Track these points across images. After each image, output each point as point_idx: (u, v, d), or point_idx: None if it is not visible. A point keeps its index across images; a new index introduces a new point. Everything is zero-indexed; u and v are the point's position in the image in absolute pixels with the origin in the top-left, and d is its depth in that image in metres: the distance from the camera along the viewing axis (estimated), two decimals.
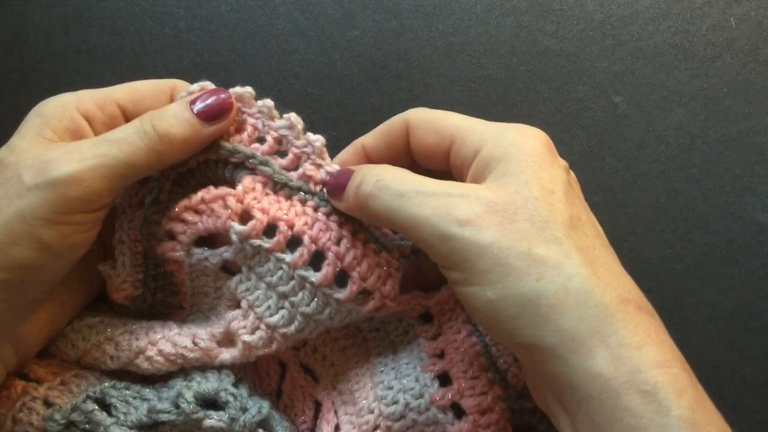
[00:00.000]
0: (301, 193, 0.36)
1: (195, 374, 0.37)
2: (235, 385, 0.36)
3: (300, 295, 0.36)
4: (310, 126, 0.39)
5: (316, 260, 0.36)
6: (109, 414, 0.35)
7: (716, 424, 0.29)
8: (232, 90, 0.37)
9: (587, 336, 0.29)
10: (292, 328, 0.36)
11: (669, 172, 0.46)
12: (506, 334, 0.31)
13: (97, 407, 0.35)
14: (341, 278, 0.36)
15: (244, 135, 0.37)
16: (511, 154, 0.33)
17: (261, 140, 0.37)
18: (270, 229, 0.35)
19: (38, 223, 0.32)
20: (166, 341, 0.37)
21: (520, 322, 0.30)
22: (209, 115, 0.35)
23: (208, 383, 0.36)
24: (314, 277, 0.35)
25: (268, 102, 0.37)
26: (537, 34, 0.48)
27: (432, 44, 0.48)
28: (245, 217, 0.35)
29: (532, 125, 0.47)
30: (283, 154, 0.37)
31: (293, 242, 0.35)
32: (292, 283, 0.36)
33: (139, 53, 0.49)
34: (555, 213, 0.31)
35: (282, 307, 0.36)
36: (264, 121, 0.37)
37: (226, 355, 0.37)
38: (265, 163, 0.36)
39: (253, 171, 0.37)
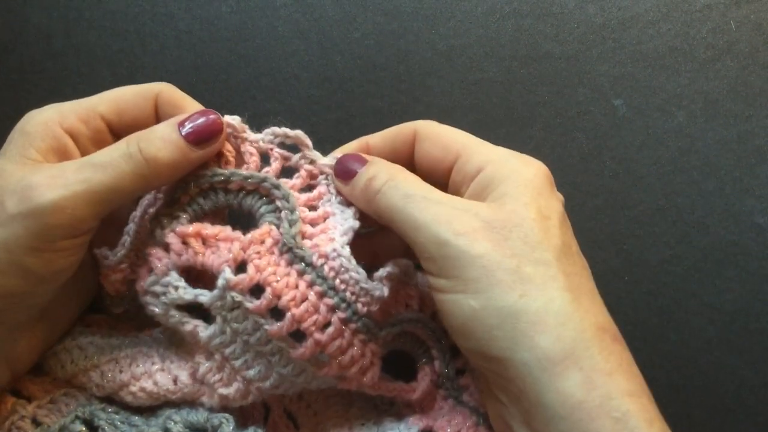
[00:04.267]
0: (303, 264, 0.35)
1: (184, 405, 0.37)
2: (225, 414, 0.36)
3: (277, 357, 0.35)
4: (311, 127, 0.40)
5: (299, 332, 0.34)
6: None
7: None
8: (291, 132, 0.38)
9: (562, 357, 0.30)
10: (268, 384, 0.36)
11: (669, 174, 0.46)
12: (481, 345, 0.32)
13: (84, 428, 0.35)
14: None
15: (297, 180, 0.38)
16: (513, 177, 0.34)
17: (310, 188, 0.38)
18: (258, 289, 0.34)
19: (22, 251, 0.32)
20: (148, 378, 0.37)
21: (498, 334, 0.31)
22: (198, 138, 0.34)
23: (198, 414, 0.36)
24: (292, 349, 0.34)
25: (317, 155, 0.38)
26: (537, 37, 0.48)
27: (432, 47, 0.48)
28: (240, 267, 0.34)
29: (532, 128, 0.47)
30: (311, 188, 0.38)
31: (277, 311, 0.34)
32: (270, 345, 0.35)
33: (139, 54, 0.49)
34: (549, 236, 0.32)
35: (258, 363, 0.36)
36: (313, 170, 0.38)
37: (207, 399, 0.37)
38: (293, 223, 0.36)
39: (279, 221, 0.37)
